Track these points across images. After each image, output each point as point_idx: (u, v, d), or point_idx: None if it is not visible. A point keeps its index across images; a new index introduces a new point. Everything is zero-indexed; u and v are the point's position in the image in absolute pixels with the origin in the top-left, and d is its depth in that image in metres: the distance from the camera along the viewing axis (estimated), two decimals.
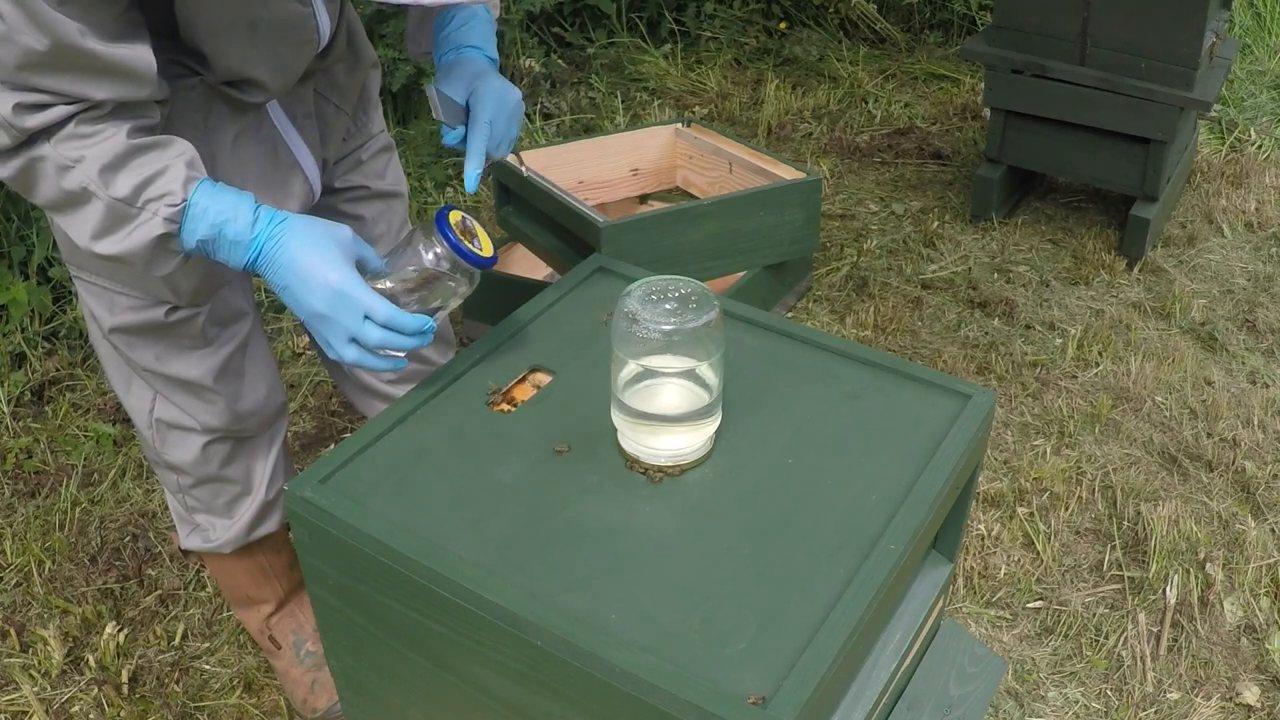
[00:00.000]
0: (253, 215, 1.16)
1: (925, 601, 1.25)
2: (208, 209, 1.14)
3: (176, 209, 1.13)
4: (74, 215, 1.14)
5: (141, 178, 1.12)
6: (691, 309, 1.08)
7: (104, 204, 1.12)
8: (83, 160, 1.10)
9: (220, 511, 1.62)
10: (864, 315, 2.80)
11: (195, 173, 1.15)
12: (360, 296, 1.15)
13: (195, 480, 1.58)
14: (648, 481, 1.13)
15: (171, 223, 1.14)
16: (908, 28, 4.56)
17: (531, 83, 3.90)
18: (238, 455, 1.58)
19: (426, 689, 1.16)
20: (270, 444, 1.61)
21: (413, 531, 1.07)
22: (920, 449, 1.16)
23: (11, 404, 2.51)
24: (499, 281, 2.65)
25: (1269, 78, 3.92)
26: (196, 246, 1.16)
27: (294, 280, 1.16)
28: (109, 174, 1.11)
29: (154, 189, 1.12)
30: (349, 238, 1.19)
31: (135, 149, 1.12)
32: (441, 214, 1.20)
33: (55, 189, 1.12)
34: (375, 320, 1.15)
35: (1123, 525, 2.16)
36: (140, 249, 1.14)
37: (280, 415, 1.62)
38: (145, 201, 1.12)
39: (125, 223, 1.13)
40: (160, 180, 1.13)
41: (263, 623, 1.81)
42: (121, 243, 1.14)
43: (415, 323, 1.17)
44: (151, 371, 1.48)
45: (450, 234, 1.18)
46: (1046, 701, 1.84)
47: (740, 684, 0.91)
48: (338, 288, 1.15)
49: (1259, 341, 2.69)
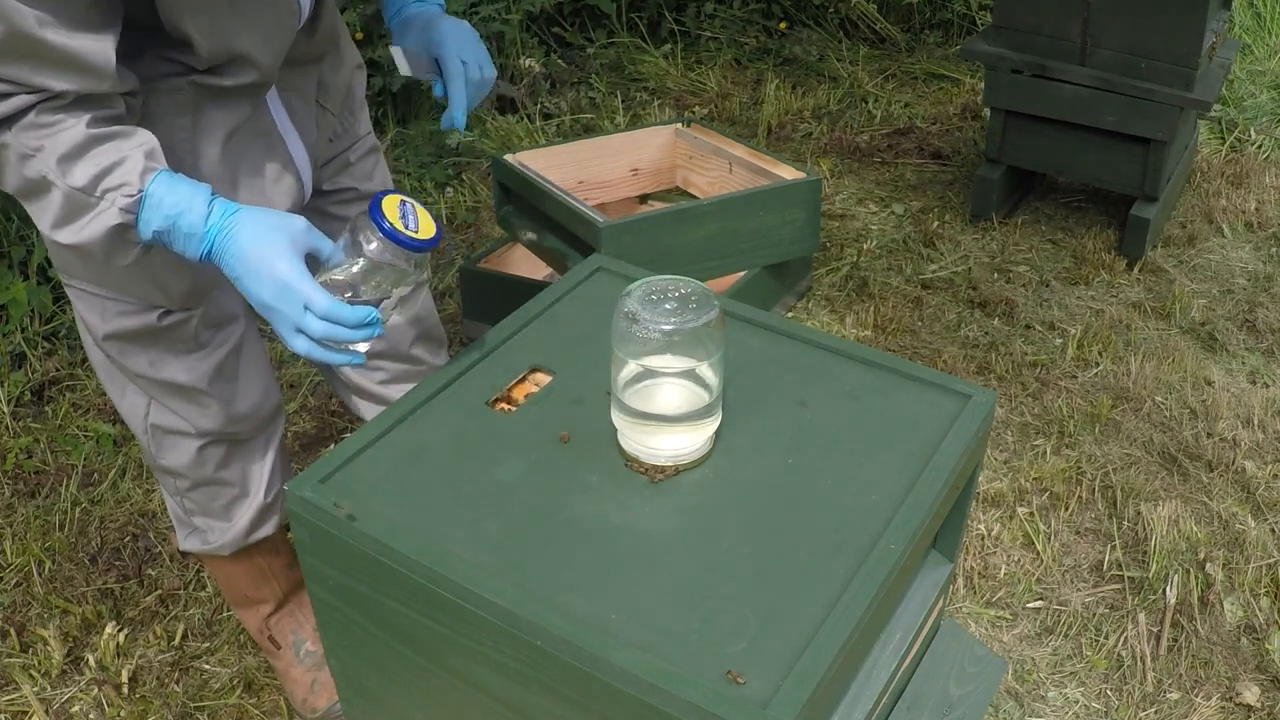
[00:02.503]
0: (207, 208, 1.16)
1: (925, 601, 1.25)
2: (163, 200, 1.14)
3: (133, 199, 1.13)
4: (36, 204, 1.15)
5: (99, 168, 1.12)
6: (691, 309, 1.08)
7: (62, 193, 1.12)
8: (42, 150, 1.10)
9: (218, 514, 1.62)
10: (864, 315, 2.80)
11: (154, 163, 1.15)
12: (300, 288, 1.14)
13: (192, 483, 1.58)
14: (648, 481, 1.13)
15: (128, 213, 1.14)
16: (908, 28, 4.55)
17: (531, 83, 3.90)
18: (233, 458, 1.58)
19: (426, 689, 1.16)
20: (266, 446, 1.61)
21: (413, 531, 1.07)
22: (920, 449, 1.16)
23: (11, 404, 2.51)
24: (499, 281, 2.66)
25: (1269, 78, 3.92)
26: (153, 237, 1.16)
27: (244, 271, 1.16)
28: (67, 164, 1.11)
29: (111, 179, 1.12)
30: (301, 229, 1.19)
31: (94, 139, 1.12)
32: (374, 202, 1.18)
33: (19, 176, 1.13)
34: (315, 312, 1.15)
35: (1123, 525, 2.16)
36: (98, 239, 1.15)
37: (276, 417, 1.62)
38: (103, 191, 1.12)
39: (84, 212, 1.13)
40: (118, 170, 1.13)
41: (262, 623, 1.81)
42: (80, 232, 1.15)
43: (356, 315, 1.16)
44: (145, 378, 1.47)
45: (384, 223, 1.16)
46: (1046, 701, 1.84)
47: (743, 684, 0.91)
48: (282, 279, 1.15)
49: (1259, 341, 2.69)
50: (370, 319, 1.18)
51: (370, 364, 1.68)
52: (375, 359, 1.68)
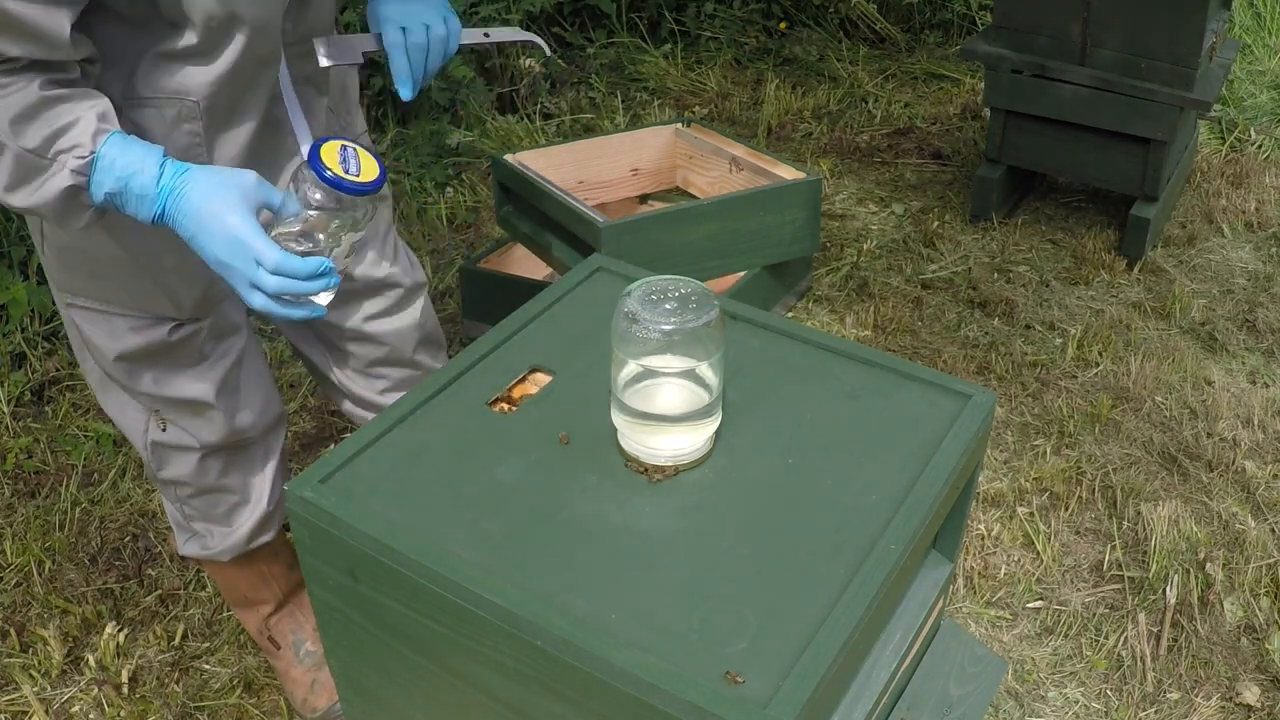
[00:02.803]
0: (158, 169, 1.16)
1: (925, 601, 1.25)
2: (115, 162, 1.14)
3: (85, 161, 1.13)
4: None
5: (52, 129, 1.11)
6: (691, 309, 1.08)
7: (14, 155, 1.11)
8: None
9: (219, 520, 1.62)
10: (864, 315, 2.80)
11: (106, 125, 1.14)
12: (251, 243, 1.15)
13: (194, 491, 1.58)
14: (648, 481, 1.13)
15: (79, 175, 1.13)
16: (908, 28, 4.55)
17: (531, 83, 3.90)
18: (235, 466, 1.58)
19: (426, 689, 1.15)
20: (268, 455, 1.61)
21: (413, 531, 1.07)
22: (920, 449, 1.16)
23: (11, 404, 2.51)
24: (499, 281, 2.66)
25: (1269, 78, 3.92)
26: (105, 199, 1.15)
27: (197, 229, 1.16)
28: (19, 125, 1.10)
29: (64, 141, 1.12)
30: (251, 183, 1.18)
31: (46, 101, 1.11)
32: (313, 150, 1.18)
33: None
34: (265, 267, 1.15)
35: (1123, 525, 2.16)
36: (51, 201, 1.14)
37: (278, 426, 1.62)
38: (55, 153, 1.12)
39: (36, 174, 1.13)
40: (71, 132, 1.12)
41: (262, 623, 1.81)
42: (33, 195, 1.14)
43: (307, 266, 1.17)
44: (151, 395, 1.47)
45: (325, 171, 1.16)
46: (1046, 701, 1.84)
47: (742, 684, 0.91)
48: (233, 233, 1.15)
49: (1259, 341, 2.69)
50: (323, 269, 1.18)
51: (372, 371, 1.68)
52: (377, 366, 1.68)
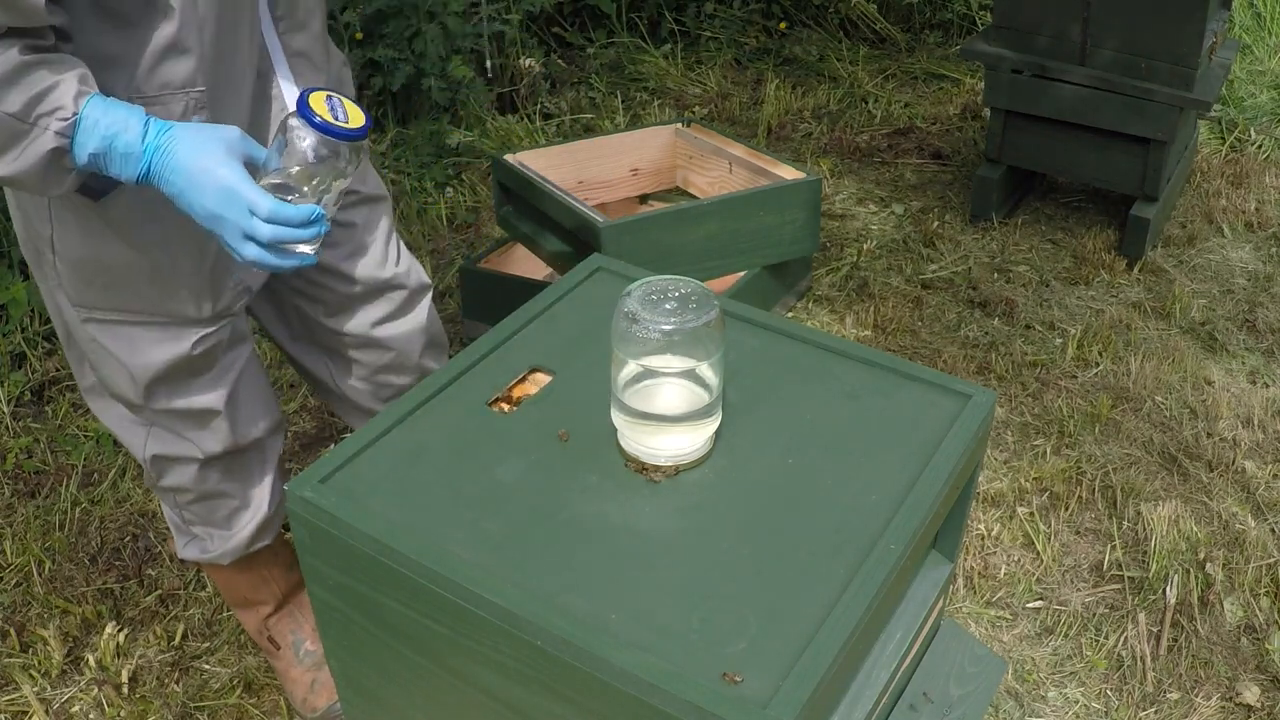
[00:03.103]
0: (142, 127, 1.16)
1: (925, 601, 1.25)
2: (99, 122, 1.14)
3: (67, 123, 1.12)
4: None
5: (32, 93, 1.11)
6: (691, 309, 1.08)
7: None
8: None
9: (219, 524, 1.62)
10: (864, 315, 2.80)
11: (86, 88, 1.14)
12: (245, 192, 1.16)
13: (195, 497, 1.58)
14: (647, 481, 1.13)
15: (62, 137, 1.13)
16: (908, 28, 4.55)
17: (531, 83, 3.90)
18: (234, 472, 1.58)
19: (426, 689, 1.15)
20: (267, 459, 1.61)
21: (413, 531, 1.07)
22: (920, 449, 1.16)
23: (11, 404, 2.51)
24: (499, 281, 2.65)
25: (1269, 78, 3.92)
26: (89, 160, 1.15)
27: (186, 184, 1.17)
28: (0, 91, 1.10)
29: (45, 104, 1.11)
30: (236, 136, 1.19)
31: (26, 65, 1.11)
32: (301, 99, 1.19)
33: None
34: (259, 216, 1.16)
35: (1123, 525, 2.16)
36: (33, 165, 1.14)
37: (277, 430, 1.62)
38: (36, 116, 1.11)
39: (18, 140, 1.12)
40: (51, 95, 1.12)
41: (261, 623, 1.80)
42: (15, 161, 1.13)
43: (300, 213, 1.18)
44: (161, 410, 1.47)
45: (314, 118, 1.17)
46: (1046, 701, 1.84)
47: (740, 684, 0.91)
48: (224, 184, 1.16)
49: (1259, 341, 2.69)
50: (315, 216, 1.19)
51: (378, 379, 1.68)
52: (383, 373, 1.67)
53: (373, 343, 1.63)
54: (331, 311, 1.60)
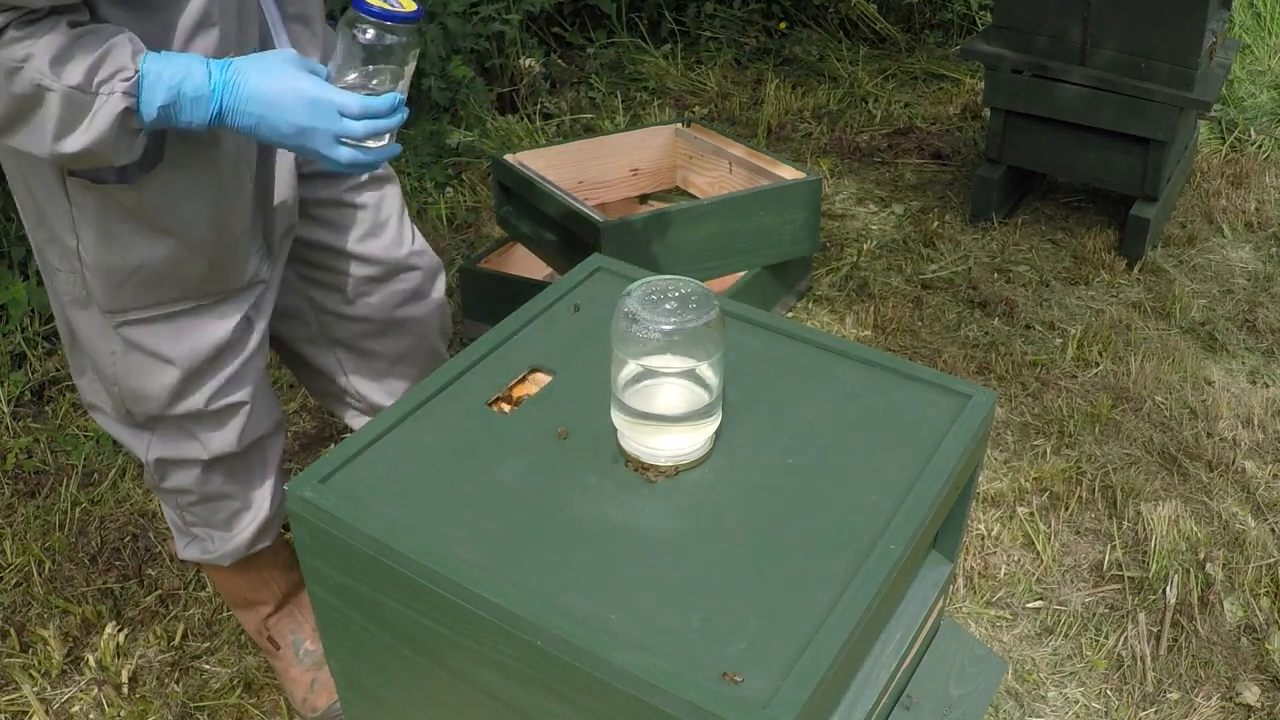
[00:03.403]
0: (205, 68, 1.18)
1: (925, 601, 1.25)
2: (161, 74, 1.15)
3: (131, 82, 1.14)
4: (31, 122, 1.14)
5: (90, 62, 1.12)
6: (691, 309, 1.08)
7: (59, 95, 1.12)
8: (31, 58, 1.10)
9: (220, 525, 1.62)
10: (864, 315, 2.80)
11: (139, 46, 1.16)
12: (332, 97, 1.20)
13: (197, 498, 1.58)
14: (647, 481, 1.13)
15: (129, 96, 1.14)
16: (908, 28, 4.55)
17: (531, 83, 3.90)
18: (236, 473, 1.58)
19: (426, 689, 1.15)
20: (268, 460, 1.62)
21: (413, 531, 1.07)
22: (920, 449, 1.16)
23: (11, 404, 2.51)
24: (499, 281, 2.65)
25: (1269, 78, 3.92)
26: (158, 114, 1.16)
27: (266, 109, 1.20)
28: (59, 65, 1.11)
29: (105, 69, 1.13)
30: (294, 56, 1.23)
31: (77, 36, 1.12)
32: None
33: (5, 98, 1.12)
34: (350, 114, 1.21)
35: (1123, 525, 2.16)
36: (105, 134, 1.14)
37: (278, 431, 1.62)
38: (99, 84, 1.13)
39: (84, 111, 1.13)
40: (109, 60, 1.13)
41: (261, 623, 1.80)
42: (86, 133, 1.14)
43: (387, 102, 1.23)
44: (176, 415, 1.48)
45: (370, 7, 1.22)
46: (1046, 701, 1.84)
47: (740, 684, 0.91)
48: (309, 95, 1.20)
49: (1259, 341, 2.69)
50: (398, 103, 1.25)
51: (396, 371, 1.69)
52: (400, 363, 1.69)
53: (393, 326, 1.65)
54: (351, 298, 1.62)
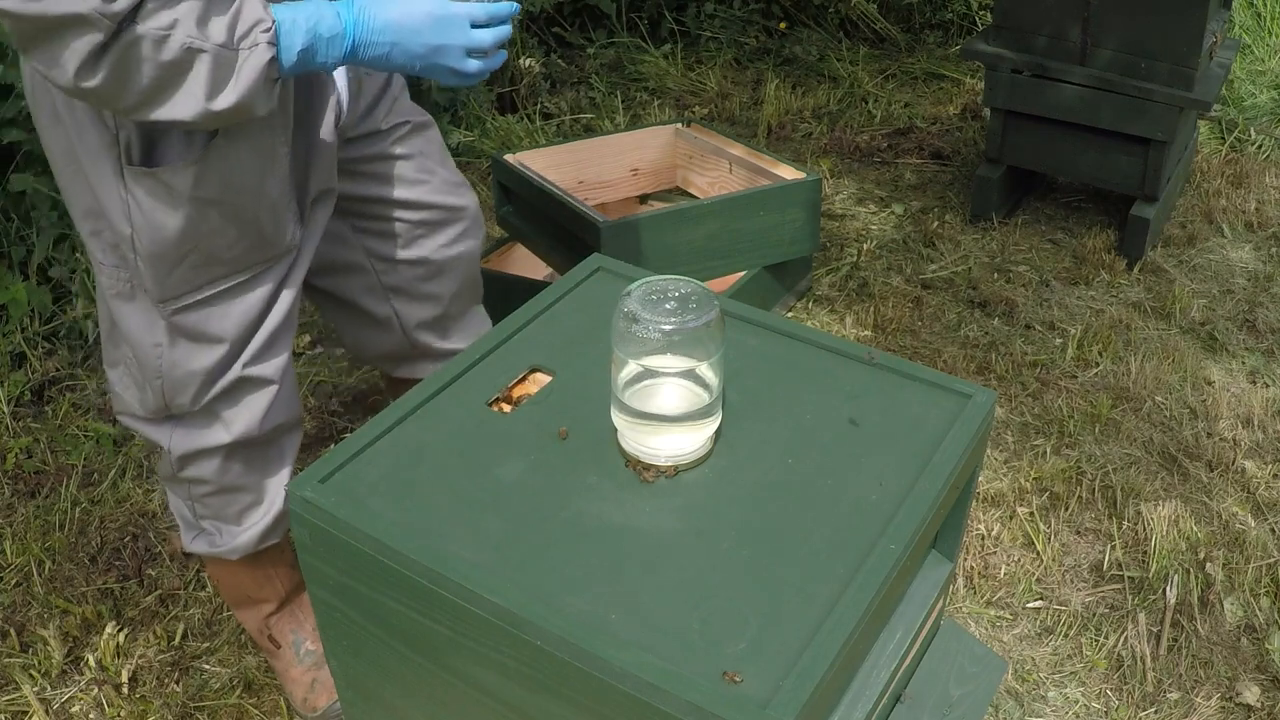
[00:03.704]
0: (333, 8, 1.26)
1: (925, 601, 1.25)
2: (295, 20, 1.22)
3: (271, 32, 1.20)
4: (178, 90, 1.18)
5: (228, 18, 1.17)
6: (691, 309, 1.08)
7: (210, 55, 1.16)
8: (177, 23, 1.14)
9: (231, 519, 1.63)
10: (864, 315, 2.80)
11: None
12: (459, 11, 1.31)
13: (214, 489, 1.59)
14: (648, 481, 1.13)
15: (272, 46, 1.20)
16: (908, 28, 4.56)
17: (531, 82, 3.90)
18: (255, 466, 1.59)
19: (426, 689, 1.16)
20: (284, 455, 1.63)
21: (413, 531, 1.07)
22: (920, 449, 1.16)
23: (11, 404, 2.51)
24: (499, 281, 2.65)
25: (1269, 78, 3.92)
26: (297, 59, 1.23)
27: (398, 35, 1.28)
28: (203, 26, 1.16)
29: (243, 23, 1.18)
30: None
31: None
32: None
33: (154, 69, 1.15)
34: (479, 22, 1.32)
35: (1123, 525, 2.16)
36: (253, 86, 1.20)
37: (297, 427, 1.64)
38: (239, 38, 1.18)
39: (230, 67, 1.19)
40: (245, 13, 1.19)
41: (262, 622, 1.80)
42: (235, 88, 1.19)
43: (506, 7, 1.35)
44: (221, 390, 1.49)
45: None
46: (1046, 701, 1.84)
47: (740, 684, 0.91)
48: (438, 14, 1.30)
49: (1259, 341, 2.69)
50: (515, 8, 1.37)
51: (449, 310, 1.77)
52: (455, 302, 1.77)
53: (446, 266, 1.73)
54: (406, 243, 1.69)
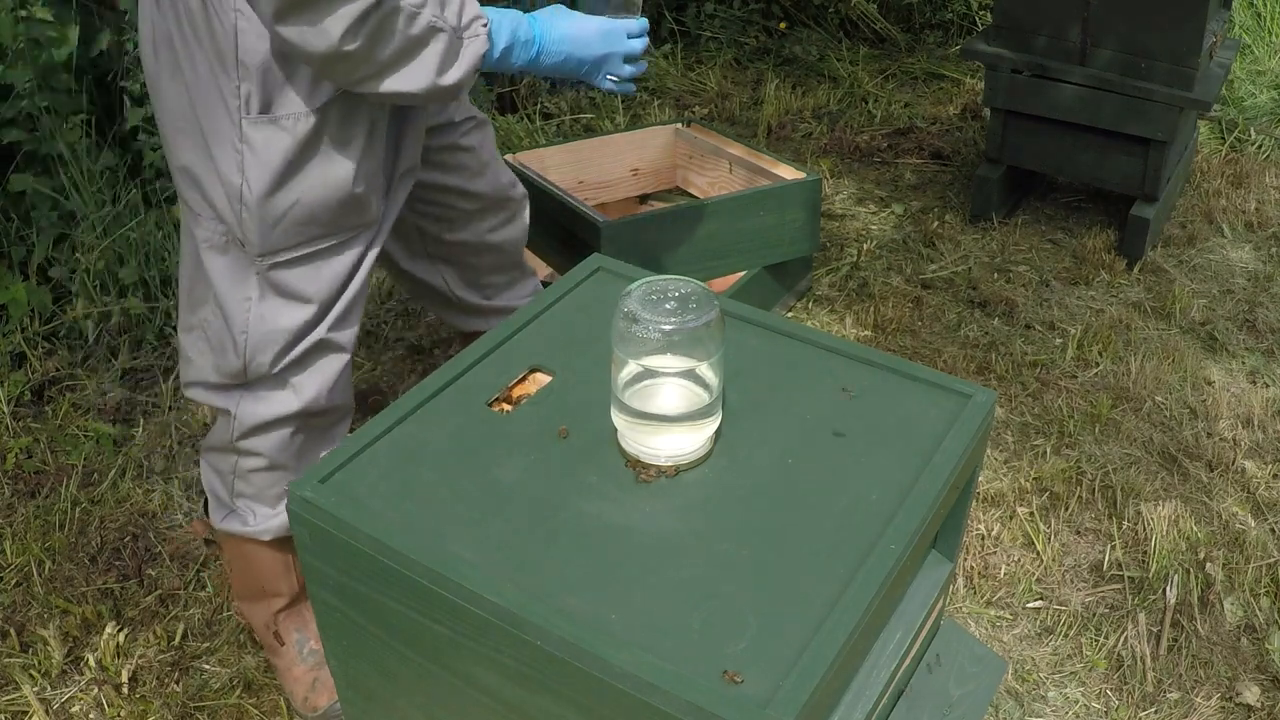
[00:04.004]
0: (526, 19, 1.42)
1: (925, 601, 1.25)
2: (501, 21, 1.38)
3: (488, 26, 1.35)
4: (415, 60, 1.30)
5: (456, 8, 1.31)
6: (691, 309, 1.08)
7: (447, 35, 1.30)
8: (426, 3, 1.27)
9: (270, 501, 1.65)
10: (864, 315, 2.80)
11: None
12: (618, 25, 1.48)
13: (266, 464, 1.60)
14: (648, 481, 1.13)
15: (488, 40, 1.35)
16: (908, 28, 4.56)
17: (531, 83, 3.90)
18: (309, 444, 1.62)
19: (426, 689, 1.16)
20: (334, 442, 1.65)
21: (413, 531, 1.07)
22: (920, 449, 1.16)
23: (11, 404, 2.51)
24: None
25: (1269, 78, 3.92)
26: (499, 56, 1.39)
27: (572, 46, 1.45)
28: (443, 10, 1.29)
29: (468, 14, 1.33)
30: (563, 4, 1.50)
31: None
32: None
33: (402, 40, 1.27)
34: (634, 34, 1.50)
35: (1123, 525, 2.16)
36: (470, 69, 1.35)
37: (349, 415, 1.68)
38: (465, 26, 1.32)
39: (457, 49, 1.32)
40: (468, 6, 1.33)
41: (270, 617, 1.80)
42: (458, 69, 1.33)
43: (645, 22, 1.53)
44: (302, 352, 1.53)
45: None
46: (1046, 701, 1.84)
47: (740, 684, 0.91)
48: (604, 29, 1.48)
49: (1259, 341, 2.69)
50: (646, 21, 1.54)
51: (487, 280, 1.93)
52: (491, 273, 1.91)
53: (487, 248, 1.87)
54: (456, 228, 1.82)
